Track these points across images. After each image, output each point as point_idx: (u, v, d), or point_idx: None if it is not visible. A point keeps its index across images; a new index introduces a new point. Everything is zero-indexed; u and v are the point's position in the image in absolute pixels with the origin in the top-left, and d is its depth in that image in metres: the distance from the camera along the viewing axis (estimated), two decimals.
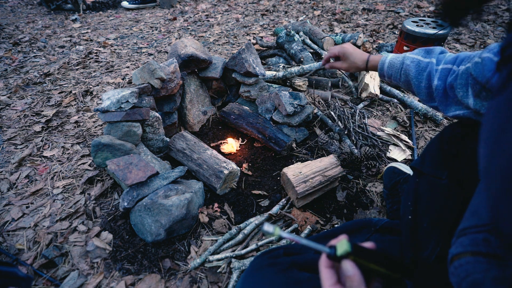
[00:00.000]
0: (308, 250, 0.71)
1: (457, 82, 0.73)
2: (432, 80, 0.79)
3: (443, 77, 0.77)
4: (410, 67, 0.84)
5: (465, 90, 0.71)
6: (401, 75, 0.86)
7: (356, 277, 0.38)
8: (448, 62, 0.78)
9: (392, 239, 0.73)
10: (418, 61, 0.83)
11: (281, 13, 3.46)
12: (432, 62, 0.81)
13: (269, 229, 0.43)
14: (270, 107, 1.49)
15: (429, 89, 0.80)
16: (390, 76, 0.90)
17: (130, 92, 1.15)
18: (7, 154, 1.43)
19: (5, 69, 2.29)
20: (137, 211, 0.99)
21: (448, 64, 0.77)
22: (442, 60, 0.79)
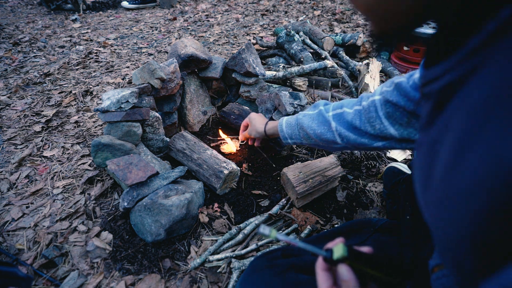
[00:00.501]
0: (306, 252, 0.71)
1: (361, 120, 0.78)
2: (329, 124, 0.83)
3: (339, 120, 0.82)
4: (303, 120, 0.89)
5: (379, 122, 0.75)
6: (298, 130, 0.91)
7: (352, 282, 0.39)
8: (336, 107, 0.84)
9: (391, 239, 0.73)
10: (309, 114, 0.89)
11: (281, 13, 3.46)
12: (321, 110, 0.86)
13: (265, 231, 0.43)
14: (270, 107, 1.49)
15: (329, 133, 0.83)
16: (291, 135, 0.95)
17: (130, 92, 1.15)
18: (7, 154, 1.44)
19: (5, 69, 2.29)
20: (137, 211, 0.99)
21: (336, 109, 0.83)
22: (330, 108, 0.85)
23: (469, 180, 0.25)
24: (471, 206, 0.24)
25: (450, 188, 0.27)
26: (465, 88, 0.27)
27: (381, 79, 1.87)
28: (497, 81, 0.23)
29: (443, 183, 0.28)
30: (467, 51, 0.26)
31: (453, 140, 0.27)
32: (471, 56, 0.26)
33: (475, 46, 0.26)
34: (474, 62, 0.26)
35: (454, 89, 0.29)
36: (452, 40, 0.29)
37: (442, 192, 0.28)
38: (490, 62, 0.25)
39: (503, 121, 0.22)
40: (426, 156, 0.32)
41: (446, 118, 0.29)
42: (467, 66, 0.27)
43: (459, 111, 0.27)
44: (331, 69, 1.85)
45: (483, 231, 0.24)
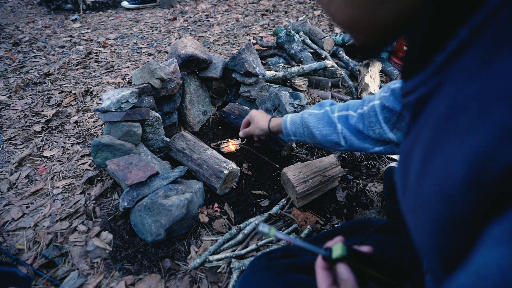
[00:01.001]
0: (306, 252, 0.72)
1: (364, 123, 0.79)
2: (335, 125, 0.84)
3: (344, 123, 0.83)
4: (308, 119, 0.89)
5: (379, 127, 0.76)
6: (303, 128, 0.91)
7: (350, 281, 0.39)
8: (341, 109, 0.84)
9: (391, 239, 0.73)
10: (314, 113, 0.89)
11: (281, 13, 3.46)
12: (327, 111, 0.87)
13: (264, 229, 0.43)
14: (270, 107, 1.49)
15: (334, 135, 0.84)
16: (295, 133, 0.95)
17: (130, 92, 1.15)
18: (7, 154, 1.44)
19: (5, 69, 2.29)
20: (137, 211, 0.99)
21: (341, 111, 0.84)
22: (335, 109, 0.86)
23: (429, 190, 0.26)
24: (431, 216, 0.26)
25: (417, 197, 0.29)
26: (432, 102, 0.29)
27: (381, 79, 1.87)
28: (453, 98, 0.25)
29: (414, 192, 0.29)
30: (434, 68, 0.28)
31: (420, 151, 0.29)
32: (437, 72, 0.28)
33: (440, 63, 0.27)
34: (439, 78, 0.28)
35: (425, 101, 0.30)
36: (422, 56, 0.30)
37: (413, 201, 0.30)
38: (449, 79, 0.26)
39: (454, 135, 0.24)
40: (403, 165, 0.34)
41: (418, 129, 0.31)
42: (434, 81, 0.28)
43: (427, 124, 0.29)
44: (331, 69, 1.85)
45: (442, 240, 0.26)
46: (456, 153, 0.23)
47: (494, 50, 0.22)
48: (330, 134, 0.84)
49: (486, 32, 0.22)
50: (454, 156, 0.23)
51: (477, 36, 0.23)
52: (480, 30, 0.23)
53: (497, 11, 0.21)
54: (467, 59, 0.24)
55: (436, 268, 0.28)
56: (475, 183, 0.21)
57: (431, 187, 0.26)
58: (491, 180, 0.19)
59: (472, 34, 0.23)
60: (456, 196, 0.22)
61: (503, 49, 0.21)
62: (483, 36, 0.23)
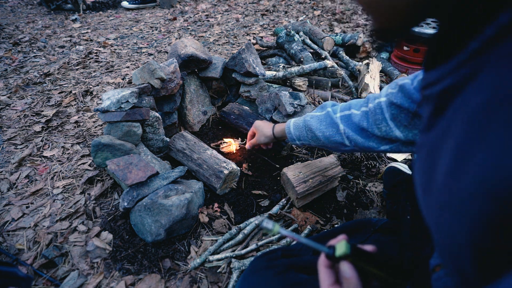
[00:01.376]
0: (306, 252, 0.71)
1: (369, 121, 0.78)
2: (337, 126, 0.83)
3: (346, 122, 0.82)
4: (311, 121, 0.89)
5: (385, 124, 0.75)
6: (306, 131, 0.91)
7: (353, 279, 0.38)
8: (343, 109, 0.84)
9: (391, 239, 0.73)
10: (316, 116, 0.89)
11: (281, 13, 3.46)
12: (329, 112, 0.86)
13: (268, 225, 0.43)
14: (270, 107, 1.49)
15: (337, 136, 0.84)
16: (299, 137, 0.95)
17: (130, 92, 1.15)
18: (7, 154, 1.44)
19: (5, 69, 2.29)
20: (137, 211, 0.99)
21: (344, 111, 0.83)
22: (337, 109, 0.85)
23: (470, 187, 0.24)
24: (472, 213, 0.24)
25: (451, 193, 0.27)
26: (465, 93, 0.27)
27: (381, 79, 1.87)
28: (495, 88, 0.23)
29: (444, 188, 0.28)
30: (466, 56, 0.26)
31: (454, 145, 0.27)
32: (470, 61, 0.26)
33: (474, 51, 0.25)
34: (473, 67, 0.26)
35: (453, 93, 0.28)
36: (452, 43, 0.28)
37: (443, 197, 0.28)
38: (489, 68, 0.24)
39: (502, 128, 0.22)
40: (426, 160, 0.32)
41: (447, 122, 0.29)
42: (466, 70, 0.26)
43: (459, 116, 0.27)
44: (331, 69, 1.85)
45: (483, 239, 0.24)
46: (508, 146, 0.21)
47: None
48: (333, 135, 0.83)
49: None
50: (506, 150, 0.21)
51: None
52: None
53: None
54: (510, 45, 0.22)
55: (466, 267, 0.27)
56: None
57: (474, 184, 0.24)
58: None
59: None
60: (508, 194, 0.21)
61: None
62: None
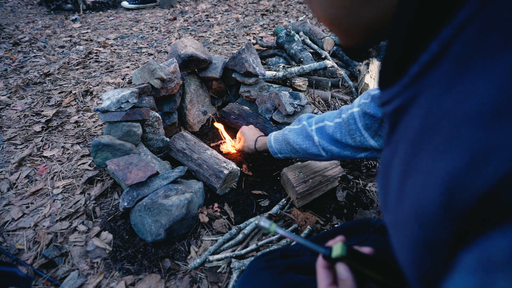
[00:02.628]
0: (305, 252, 0.71)
1: (342, 132, 0.80)
2: (312, 139, 0.86)
3: (321, 134, 0.85)
4: (288, 135, 0.93)
5: (359, 134, 0.77)
6: (286, 145, 0.95)
7: (349, 281, 0.39)
8: (318, 121, 0.87)
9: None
10: (294, 129, 0.92)
11: (281, 13, 3.46)
12: (304, 125, 0.89)
13: (265, 224, 0.43)
14: (270, 107, 1.49)
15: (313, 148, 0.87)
16: (280, 150, 0.99)
17: (130, 92, 1.15)
18: (7, 154, 1.44)
19: (5, 69, 2.29)
20: (137, 211, 0.99)
21: (318, 123, 0.86)
22: (312, 121, 0.88)
23: (406, 212, 0.25)
24: (408, 235, 0.25)
25: (397, 214, 0.28)
26: (408, 114, 0.28)
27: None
28: (425, 115, 0.24)
29: (394, 207, 0.29)
30: (408, 79, 0.27)
31: (399, 166, 0.28)
32: (412, 84, 0.27)
33: (414, 75, 0.26)
34: (414, 89, 0.26)
35: (402, 112, 0.29)
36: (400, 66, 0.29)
37: (394, 215, 0.29)
38: (424, 93, 0.25)
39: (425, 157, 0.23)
40: (383, 177, 0.33)
41: (395, 141, 0.30)
42: (409, 93, 0.27)
43: (403, 137, 0.28)
44: (331, 69, 1.85)
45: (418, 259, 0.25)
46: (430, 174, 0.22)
47: (464, 66, 0.21)
48: (310, 148, 0.87)
49: (457, 46, 0.22)
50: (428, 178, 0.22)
51: (448, 49, 0.22)
52: (450, 43, 0.22)
53: (464, 26, 0.21)
54: (439, 72, 0.23)
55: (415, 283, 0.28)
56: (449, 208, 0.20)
57: (408, 208, 0.25)
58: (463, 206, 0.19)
59: (443, 48, 0.23)
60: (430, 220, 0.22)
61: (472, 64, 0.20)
62: (454, 50, 0.22)
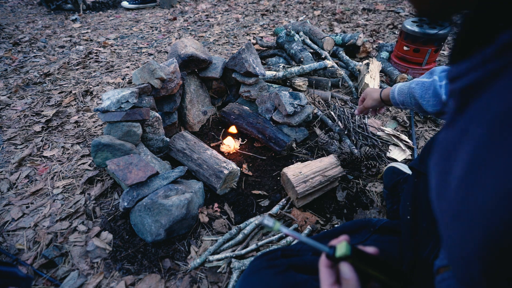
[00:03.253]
0: (306, 252, 0.71)
1: None
2: (440, 97, 0.81)
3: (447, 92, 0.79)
4: (415, 89, 0.87)
5: None
6: (410, 98, 0.90)
7: (352, 281, 0.38)
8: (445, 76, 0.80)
9: (391, 239, 0.73)
10: (422, 82, 0.86)
11: (281, 13, 3.46)
12: (435, 80, 0.83)
13: (269, 223, 0.43)
14: (270, 107, 1.49)
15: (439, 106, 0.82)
16: (402, 102, 0.94)
17: (130, 92, 1.15)
18: (7, 154, 1.44)
19: (5, 69, 2.29)
20: (137, 211, 0.99)
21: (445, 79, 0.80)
22: (443, 75, 0.81)
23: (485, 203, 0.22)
24: (483, 230, 0.23)
25: (465, 203, 0.25)
26: (489, 92, 0.24)
27: (381, 79, 1.87)
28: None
29: (458, 197, 0.26)
30: (494, 49, 0.23)
31: (470, 150, 0.25)
32: (498, 55, 0.23)
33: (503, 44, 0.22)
34: (501, 62, 0.23)
35: (477, 90, 0.25)
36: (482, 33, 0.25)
37: (456, 206, 0.26)
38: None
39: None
40: (443, 159, 0.30)
41: (466, 122, 0.27)
42: (493, 66, 0.23)
43: (479, 119, 0.25)
44: (331, 69, 1.85)
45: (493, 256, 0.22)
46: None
47: None
48: (436, 105, 0.82)
49: None
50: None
51: None
52: None
53: None
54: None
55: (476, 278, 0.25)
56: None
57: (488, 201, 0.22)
58: None
59: None
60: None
61: None
62: None
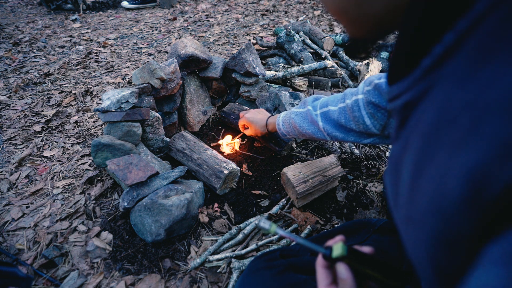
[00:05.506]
0: (304, 252, 0.71)
1: (346, 118, 0.81)
2: (317, 124, 0.87)
3: (326, 119, 0.86)
4: (295, 119, 0.93)
5: (362, 122, 0.77)
6: (292, 128, 0.96)
7: (349, 280, 0.39)
8: (322, 106, 0.87)
9: (391, 239, 0.73)
10: (299, 113, 0.93)
11: (281, 13, 3.46)
12: (309, 110, 0.90)
13: (265, 225, 0.43)
14: (270, 107, 1.49)
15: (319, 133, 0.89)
16: (288, 132, 1.00)
17: (130, 92, 1.15)
18: (7, 154, 1.44)
19: (5, 69, 2.29)
20: (137, 211, 0.99)
21: (322, 108, 0.87)
22: (317, 105, 0.88)
23: (422, 206, 0.25)
24: (425, 231, 0.25)
25: (410, 210, 0.27)
26: (419, 108, 0.27)
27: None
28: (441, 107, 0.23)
29: (406, 203, 0.28)
30: (420, 72, 0.26)
31: (410, 160, 0.27)
32: (423, 77, 0.26)
33: (426, 68, 0.26)
34: (426, 83, 0.26)
35: (412, 107, 0.28)
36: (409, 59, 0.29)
37: (406, 212, 0.29)
38: (437, 85, 0.25)
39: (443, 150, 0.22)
40: (393, 172, 0.32)
41: (406, 136, 0.29)
42: (420, 86, 0.27)
43: (415, 131, 0.27)
44: (331, 69, 1.85)
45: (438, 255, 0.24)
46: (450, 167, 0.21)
47: (483, 56, 0.20)
48: (315, 133, 0.89)
49: (474, 38, 0.21)
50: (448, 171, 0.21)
51: (464, 41, 0.22)
52: (467, 35, 0.22)
53: (484, 16, 0.20)
54: (455, 64, 0.23)
55: (431, 281, 0.27)
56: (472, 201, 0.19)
57: (425, 202, 0.24)
58: (489, 198, 0.18)
59: (459, 39, 0.22)
60: (452, 213, 0.21)
61: (493, 55, 0.20)
62: (471, 41, 0.21)
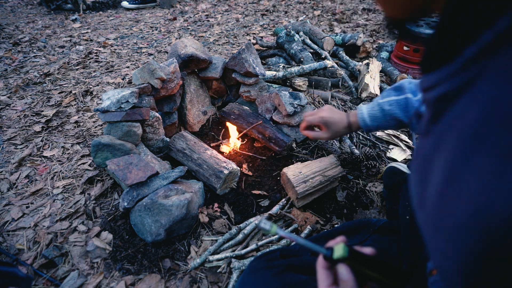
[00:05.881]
0: (304, 252, 0.71)
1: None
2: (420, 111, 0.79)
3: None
4: (393, 110, 0.83)
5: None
6: (389, 120, 0.85)
7: (350, 282, 0.39)
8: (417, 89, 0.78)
9: (391, 239, 0.73)
10: (396, 101, 0.82)
11: (281, 13, 3.45)
12: (408, 97, 0.80)
13: (265, 226, 0.43)
14: (270, 107, 1.49)
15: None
16: (377, 126, 0.89)
17: (130, 92, 1.15)
18: (7, 154, 1.44)
19: (5, 69, 2.29)
20: (137, 211, 0.99)
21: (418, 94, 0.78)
22: (415, 89, 0.79)
23: (459, 219, 0.22)
24: (460, 245, 0.23)
25: (443, 218, 0.25)
26: (459, 103, 0.24)
27: (381, 79, 1.87)
28: (491, 105, 0.21)
29: (437, 209, 0.26)
30: (462, 62, 0.24)
31: (445, 163, 0.25)
32: (465, 69, 0.23)
33: (470, 57, 0.23)
34: (468, 75, 0.23)
35: (449, 101, 0.26)
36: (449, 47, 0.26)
37: (436, 218, 0.26)
38: (485, 78, 0.22)
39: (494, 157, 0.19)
40: (420, 170, 0.30)
41: (440, 133, 0.27)
42: (461, 78, 0.24)
43: (453, 129, 0.25)
44: (331, 69, 1.85)
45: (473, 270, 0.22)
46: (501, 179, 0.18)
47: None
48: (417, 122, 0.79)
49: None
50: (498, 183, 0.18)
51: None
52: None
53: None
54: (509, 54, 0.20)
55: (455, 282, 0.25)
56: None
57: (461, 214, 0.22)
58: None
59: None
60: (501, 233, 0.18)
61: None
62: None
